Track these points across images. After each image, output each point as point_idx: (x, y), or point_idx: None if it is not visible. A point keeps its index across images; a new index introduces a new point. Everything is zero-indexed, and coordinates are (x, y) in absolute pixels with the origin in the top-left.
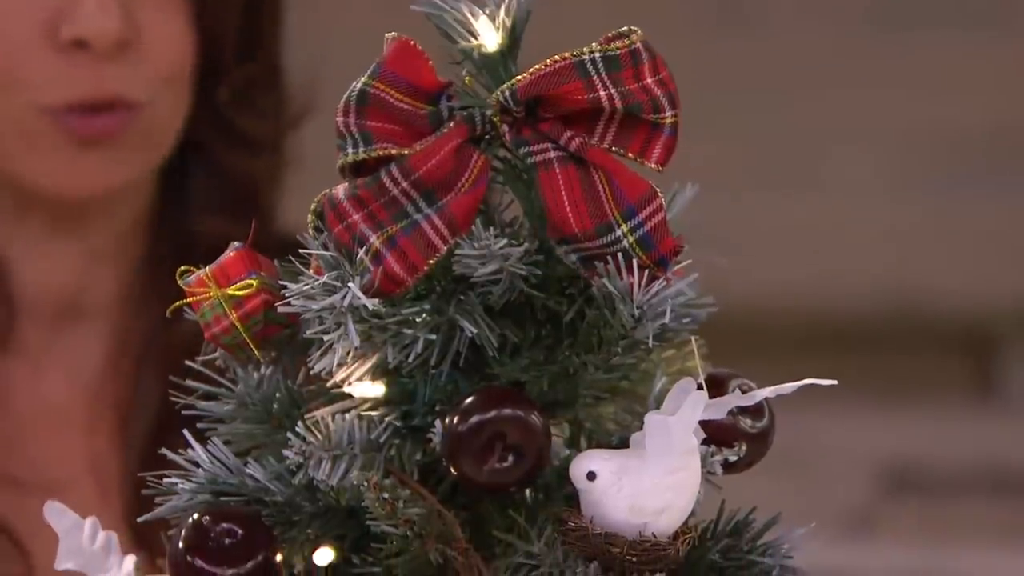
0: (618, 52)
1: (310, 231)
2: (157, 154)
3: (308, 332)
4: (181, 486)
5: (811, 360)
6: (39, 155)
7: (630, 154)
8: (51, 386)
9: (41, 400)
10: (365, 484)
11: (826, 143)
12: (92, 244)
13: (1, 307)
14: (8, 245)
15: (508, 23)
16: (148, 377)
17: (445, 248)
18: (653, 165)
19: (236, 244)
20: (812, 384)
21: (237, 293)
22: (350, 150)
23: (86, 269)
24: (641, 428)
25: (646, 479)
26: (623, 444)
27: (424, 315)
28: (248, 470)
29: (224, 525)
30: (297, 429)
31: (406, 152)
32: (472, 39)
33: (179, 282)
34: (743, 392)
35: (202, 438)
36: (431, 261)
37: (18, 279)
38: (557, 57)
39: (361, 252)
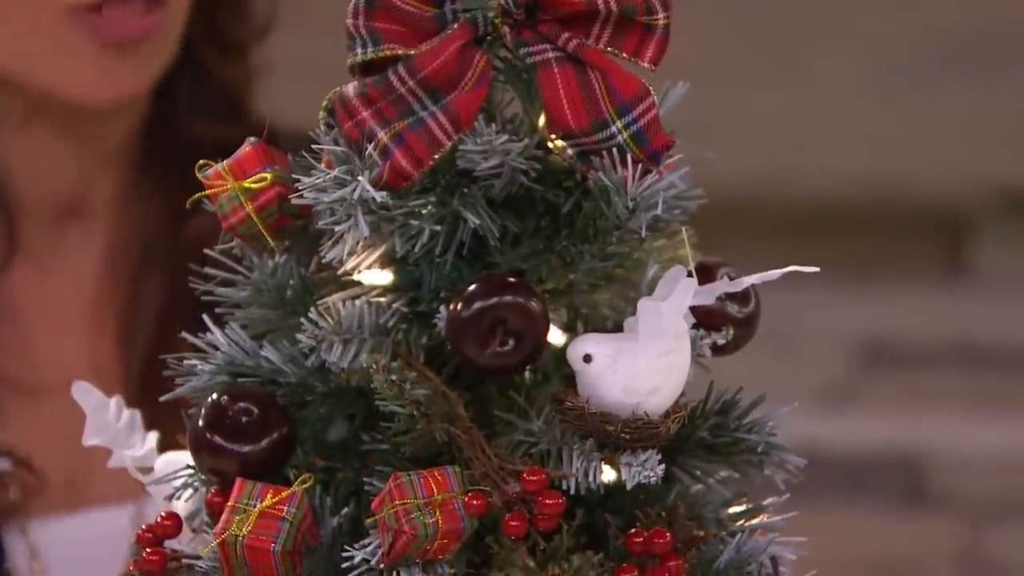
0: None
1: (321, 127)
2: (164, 58)
3: (320, 223)
4: (200, 367)
5: (792, 245)
6: (62, 60)
7: (624, 54)
8: (55, 288)
9: (45, 302)
10: (374, 366)
11: (805, 36)
12: (94, 151)
13: (8, 217)
14: (9, 151)
15: None
16: (150, 278)
17: (449, 143)
18: (646, 65)
19: (252, 139)
20: (795, 271)
21: (253, 186)
22: (359, 50)
23: (86, 172)
24: (634, 313)
25: (639, 361)
26: (617, 328)
27: (429, 207)
28: (263, 353)
29: (241, 404)
30: (310, 314)
31: (412, 52)
32: None
33: (198, 175)
34: (731, 279)
35: (219, 324)
36: (436, 156)
37: (19, 184)
38: None
39: (370, 147)
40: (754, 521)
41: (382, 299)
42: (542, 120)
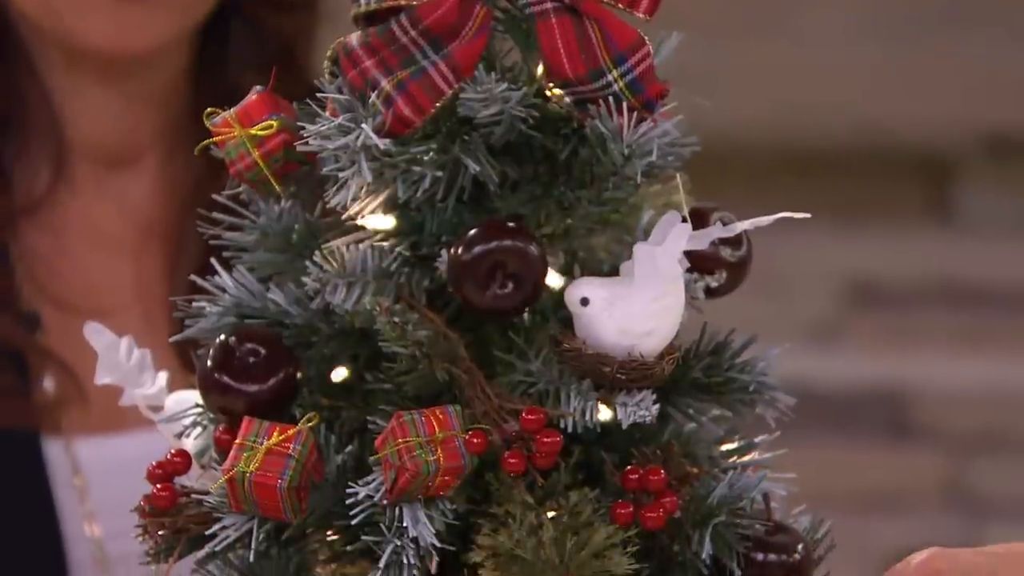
0: None
1: (326, 76)
2: (196, 13)
3: (324, 169)
4: (209, 309)
5: (784, 188)
6: (80, 11)
7: (620, 5)
8: (104, 218)
9: (94, 231)
10: (377, 308)
11: None
12: (136, 95)
13: (56, 145)
14: (59, 94)
15: None
16: (195, 218)
17: (450, 92)
18: (641, 15)
19: (258, 88)
20: (787, 217)
21: (259, 133)
22: (362, 1)
23: (129, 116)
24: (630, 257)
25: (634, 304)
26: (613, 272)
27: (431, 153)
28: (270, 295)
29: (248, 345)
30: (315, 258)
31: (414, 3)
32: None
33: (205, 123)
34: (724, 224)
35: (228, 266)
36: (437, 104)
37: (69, 123)
38: None
39: (373, 96)
40: (746, 458)
41: (385, 243)
42: (540, 69)
